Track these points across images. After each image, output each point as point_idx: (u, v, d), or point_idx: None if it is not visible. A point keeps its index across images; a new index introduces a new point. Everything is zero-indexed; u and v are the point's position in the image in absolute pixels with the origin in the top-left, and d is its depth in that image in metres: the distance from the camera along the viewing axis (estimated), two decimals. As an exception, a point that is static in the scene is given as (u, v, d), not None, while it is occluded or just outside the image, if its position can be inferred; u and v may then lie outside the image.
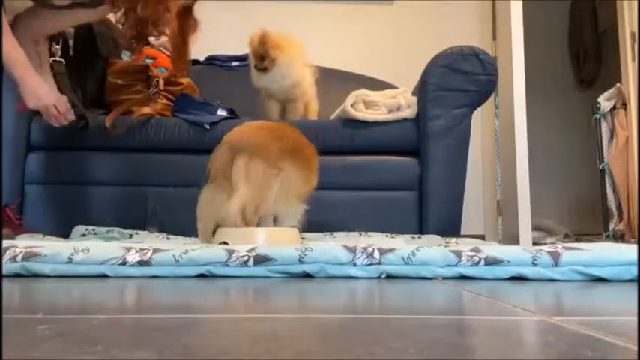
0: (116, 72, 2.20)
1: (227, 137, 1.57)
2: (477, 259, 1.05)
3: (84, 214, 1.97)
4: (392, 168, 2.10)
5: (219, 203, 1.47)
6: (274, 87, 2.27)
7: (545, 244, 1.74)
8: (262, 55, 2.20)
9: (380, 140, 2.10)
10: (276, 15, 3.16)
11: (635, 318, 0.63)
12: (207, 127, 2.05)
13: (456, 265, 1.06)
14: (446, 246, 1.28)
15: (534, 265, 1.04)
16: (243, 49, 2.83)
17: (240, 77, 2.47)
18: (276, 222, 1.57)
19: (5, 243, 1.12)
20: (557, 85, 4.04)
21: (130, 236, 1.90)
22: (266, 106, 2.33)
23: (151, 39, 2.67)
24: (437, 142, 2.06)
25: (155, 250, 1.09)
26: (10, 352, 0.44)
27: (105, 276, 1.05)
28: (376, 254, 1.07)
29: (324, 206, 1.93)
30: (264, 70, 2.22)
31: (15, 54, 1.65)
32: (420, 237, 1.94)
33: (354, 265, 1.07)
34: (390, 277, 1.06)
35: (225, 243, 1.43)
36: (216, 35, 3.11)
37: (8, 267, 1.04)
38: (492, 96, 2.69)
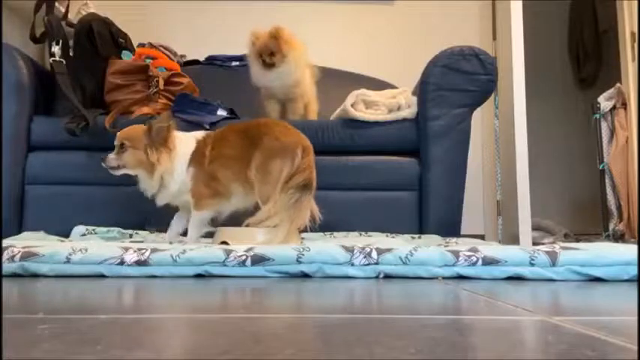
0: (116, 72, 2.20)
1: (304, 141, 1.60)
2: (474, 259, 1.05)
3: (84, 214, 1.97)
4: (392, 168, 2.10)
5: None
6: (276, 85, 2.23)
7: (544, 244, 1.74)
8: (273, 51, 2.13)
9: (380, 140, 2.10)
10: (276, 15, 3.15)
11: (635, 318, 0.63)
12: (208, 127, 2.05)
13: (453, 265, 1.06)
14: (445, 246, 1.28)
15: (532, 265, 1.04)
16: (243, 49, 2.84)
17: (240, 77, 2.46)
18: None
19: (4, 243, 1.12)
20: (557, 85, 4.04)
21: (130, 236, 1.90)
22: (266, 107, 2.33)
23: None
24: (437, 142, 2.06)
25: (153, 250, 1.09)
26: (10, 352, 0.44)
27: (103, 276, 1.05)
28: (374, 254, 1.07)
29: (324, 206, 1.93)
30: (272, 66, 2.15)
31: None
32: (419, 237, 1.94)
33: (352, 265, 1.07)
34: (388, 277, 1.06)
35: (225, 243, 1.43)
36: (216, 35, 3.11)
37: (6, 267, 1.04)
38: (492, 96, 2.69)
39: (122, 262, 1.06)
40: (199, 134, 1.71)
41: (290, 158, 1.53)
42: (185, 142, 1.67)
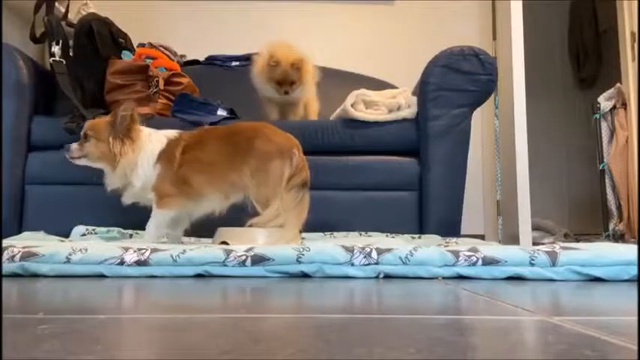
0: (116, 72, 2.20)
1: (294, 140, 1.60)
2: (474, 259, 1.05)
3: (84, 214, 1.97)
4: (392, 168, 2.10)
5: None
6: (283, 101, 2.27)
7: (544, 244, 1.74)
8: (294, 81, 2.16)
9: (380, 140, 2.10)
10: (276, 15, 3.16)
11: (635, 318, 0.63)
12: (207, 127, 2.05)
13: (453, 265, 1.06)
14: (445, 246, 1.28)
15: (532, 265, 1.04)
16: (243, 49, 2.84)
17: (240, 77, 2.46)
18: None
19: (4, 243, 1.12)
20: (557, 85, 4.04)
21: (131, 236, 1.90)
22: (266, 108, 2.33)
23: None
24: (437, 142, 2.06)
25: (153, 250, 1.09)
26: (10, 352, 0.44)
27: (103, 276, 1.05)
28: (374, 254, 1.07)
29: (324, 206, 1.93)
30: (290, 92, 2.19)
31: None
32: (419, 237, 1.94)
33: (352, 265, 1.07)
34: (388, 277, 1.06)
35: (225, 243, 1.43)
36: (216, 35, 3.11)
37: (6, 267, 1.04)
38: (492, 96, 2.69)
39: (122, 262, 1.06)
40: (171, 133, 1.65)
41: (289, 158, 1.53)
42: (154, 138, 1.61)
